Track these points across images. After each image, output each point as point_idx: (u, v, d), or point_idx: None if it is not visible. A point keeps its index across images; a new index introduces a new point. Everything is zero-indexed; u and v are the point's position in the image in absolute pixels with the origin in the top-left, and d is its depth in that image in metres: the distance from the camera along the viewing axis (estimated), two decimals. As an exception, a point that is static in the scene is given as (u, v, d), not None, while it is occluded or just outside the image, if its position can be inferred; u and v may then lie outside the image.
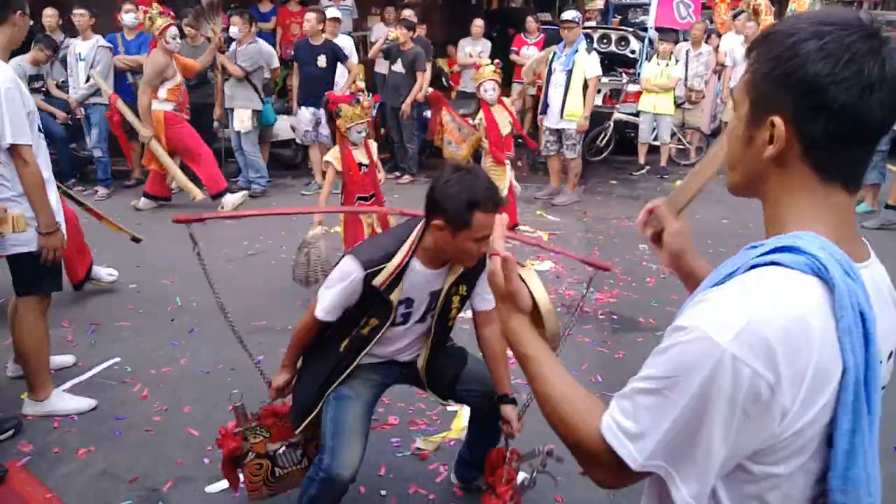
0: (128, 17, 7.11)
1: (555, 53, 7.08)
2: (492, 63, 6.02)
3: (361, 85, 5.28)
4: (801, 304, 0.88)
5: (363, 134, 4.50)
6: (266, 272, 5.24)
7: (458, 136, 6.08)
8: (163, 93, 6.36)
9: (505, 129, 5.91)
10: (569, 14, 7.13)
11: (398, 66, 7.62)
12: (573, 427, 1.02)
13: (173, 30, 6.33)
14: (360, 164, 4.52)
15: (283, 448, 2.62)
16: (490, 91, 5.86)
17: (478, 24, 8.86)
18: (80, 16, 6.71)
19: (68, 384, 3.60)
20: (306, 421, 2.48)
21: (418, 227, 2.30)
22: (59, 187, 3.42)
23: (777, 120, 0.94)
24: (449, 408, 3.37)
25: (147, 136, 6.33)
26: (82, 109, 6.94)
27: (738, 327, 0.85)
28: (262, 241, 5.86)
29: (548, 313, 1.17)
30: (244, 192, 6.92)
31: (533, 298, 1.17)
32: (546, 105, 7.10)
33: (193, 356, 3.93)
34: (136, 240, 4.86)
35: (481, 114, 5.97)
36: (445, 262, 2.34)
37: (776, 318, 0.86)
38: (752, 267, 0.92)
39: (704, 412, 0.87)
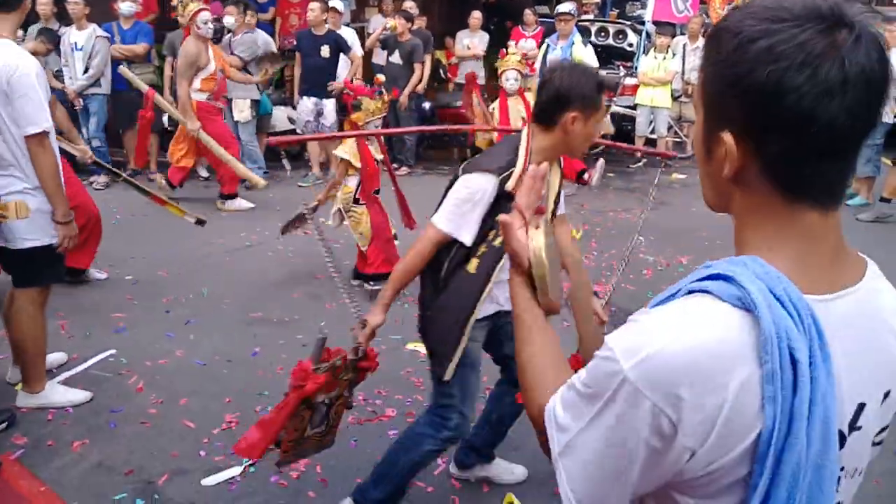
0: (124, 5, 7.04)
1: (548, 46, 7.05)
2: (513, 53, 5.90)
3: (382, 78, 5.15)
4: (718, 340, 0.77)
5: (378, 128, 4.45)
6: (263, 264, 5.20)
7: (483, 121, 6.01)
8: (196, 83, 6.18)
9: (517, 122, 5.76)
10: (565, 6, 7.10)
11: (395, 58, 7.58)
12: (531, 397, 1.02)
13: (204, 14, 6.11)
14: (375, 159, 4.47)
15: (325, 400, 2.41)
16: (511, 80, 5.74)
17: (476, 16, 8.82)
18: (74, 4, 6.63)
19: (63, 376, 3.55)
20: (452, 364, 2.33)
21: (525, 133, 2.28)
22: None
23: (727, 137, 0.81)
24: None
25: (195, 128, 6.11)
26: (80, 100, 6.88)
27: (643, 355, 0.78)
28: (258, 233, 5.82)
29: (539, 276, 1.09)
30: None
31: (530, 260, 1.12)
32: None
33: (190, 348, 3.89)
34: (200, 222, 4.96)
35: (497, 102, 5.89)
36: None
37: (685, 354, 0.76)
38: (690, 292, 0.83)
39: (606, 432, 0.82)
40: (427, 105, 8.48)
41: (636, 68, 8.81)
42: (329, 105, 7.18)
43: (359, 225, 4.57)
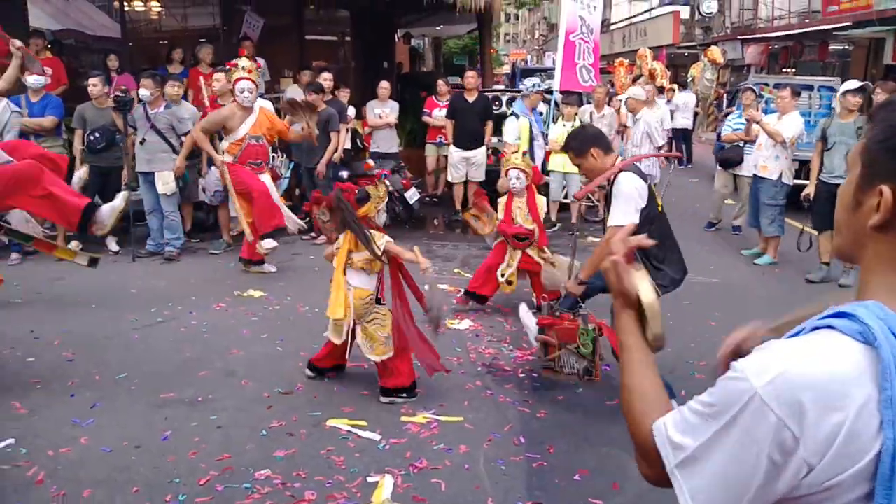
0: (32, 79, 6.87)
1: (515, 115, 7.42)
2: (513, 152, 5.82)
3: (371, 163, 5.05)
4: (841, 367, 0.89)
5: (385, 214, 4.25)
6: (175, 341, 5.01)
7: (488, 221, 5.88)
8: (224, 144, 6.44)
9: (518, 220, 5.52)
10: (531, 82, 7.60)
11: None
12: (636, 419, 1.15)
13: (243, 84, 6.27)
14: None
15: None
16: (513, 179, 5.49)
17: (383, 86, 9.05)
18: None
19: (-48, 471, 3.30)
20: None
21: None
22: None
23: (886, 189, 0.95)
24: (369, 478, 3.29)
25: (220, 161, 6.40)
26: None
27: (773, 374, 0.90)
28: (170, 308, 5.64)
29: (652, 316, 1.25)
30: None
31: (640, 299, 1.27)
32: None
33: (95, 434, 3.68)
34: (93, 262, 4.75)
35: (504, 200, 5.72)
36: None
37: (811, 375, 0.89)
38: (814, 328, 0.96)
39: (731, 446, 0.93)
40: (344, 173, 8.54)
41: (546, 136, 9.16)
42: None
43: (383, 329, 4.04)
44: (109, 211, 4.51)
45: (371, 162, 5.21)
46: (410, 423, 3.82)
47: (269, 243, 6.38)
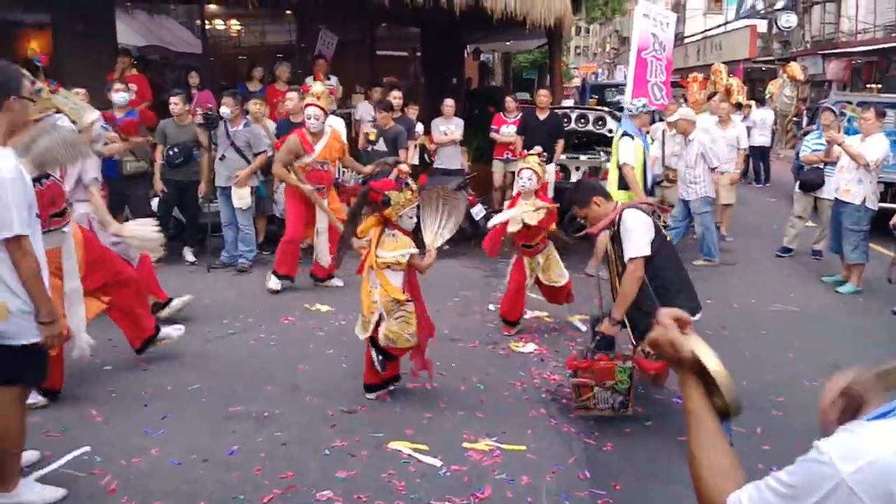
0: (117, 96, 7.27)
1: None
2: (534, 154, 5.62)
3: (405, 168, 5.06)
4: None
5: (414, 220, 4.25)
6: (245, 354, 5.12)
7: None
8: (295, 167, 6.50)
9: (513, 225, 5.39)
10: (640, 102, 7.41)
11: (380, 145, 7.75)
12: (707, 490, 1.16)
13: (310, 110, 6.34)
14: None
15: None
16: (525, 180, 5.40)
17: (448, 103, 9.07)
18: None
19: (35, 475, 3.43)
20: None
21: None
22: None
23: None
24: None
25: (309, 189, 6.42)
26: None
27: (862, 462, 0.88)
28: (241, 320, 5.77)
29: (723, 384, 1.23)
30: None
31: (705, 367, 1.25)
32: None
33: (165, 445, 3.78)
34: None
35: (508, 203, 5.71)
36: None
37: None
38: None
39: None
40: (426, 181, 8.62)
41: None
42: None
43: (409, 326, 4.17)
44: (167, 334, 4.85)
45: (404, 167, 5.13)
46: (472, 450, 3.77)
47: (274, 284, 6.56)
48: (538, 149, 6.01)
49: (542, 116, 8.69)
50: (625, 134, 7.01)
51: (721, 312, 6.19)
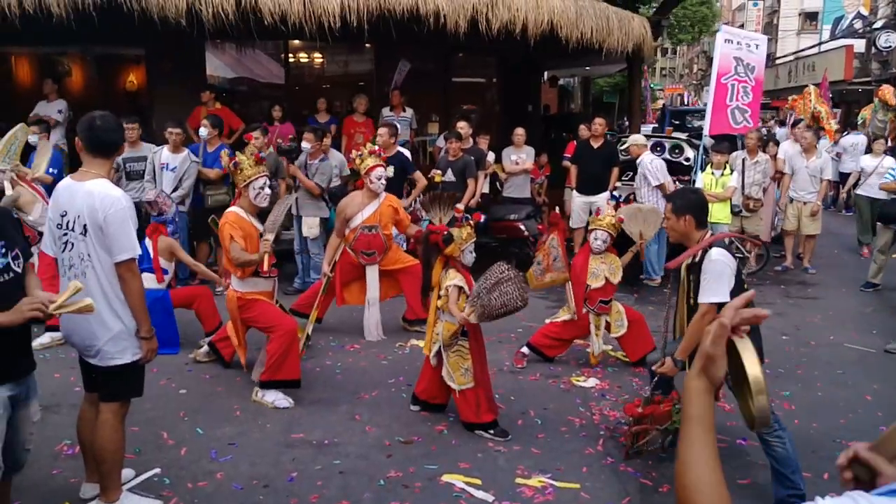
0: (202, 131, 7.74)
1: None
2: (609, 215, 5.53)
3: (461, 206, 4.89)
4: None
5: (474, 255, 4.42)
6: (311, 380, 5.26)
7: (549, 263, 5.55)
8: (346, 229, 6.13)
9: (596, 282, 5.45)
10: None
11: (449, 175, 7.85)
12: (687, 496, 1.13)
13: (379, 171, 6.01)
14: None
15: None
16: (597, 241, 5.39)
17: (518, 132, 9.06)
18: (176, 134, 7.48)
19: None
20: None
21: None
22: None
23: None
24: None
25: (325, 271, 6.18)
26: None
27: None
28: (309, 347, 5.91)
29: (758, 391, 1.18)
30: None
31: (745, 371, 1.19)
32: None
33: (230, 470, 3.95)
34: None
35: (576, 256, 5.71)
36: None
37: None
38: None
39: None
40: (482, 218, 8.66)
41: (694, 182, 8.81)
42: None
43: (465, 361, 4.32)
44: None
45: (460, 206, 4.96)
46: (525, 487, 3.77)
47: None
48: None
49: (595, 145, 8.65)
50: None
51: (797, 349, 5.94)
